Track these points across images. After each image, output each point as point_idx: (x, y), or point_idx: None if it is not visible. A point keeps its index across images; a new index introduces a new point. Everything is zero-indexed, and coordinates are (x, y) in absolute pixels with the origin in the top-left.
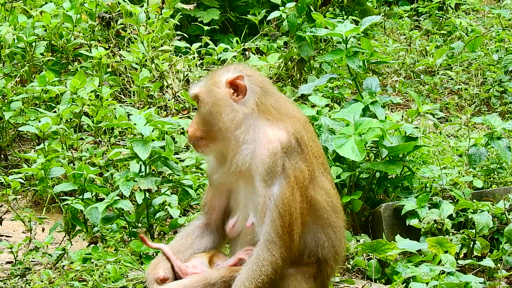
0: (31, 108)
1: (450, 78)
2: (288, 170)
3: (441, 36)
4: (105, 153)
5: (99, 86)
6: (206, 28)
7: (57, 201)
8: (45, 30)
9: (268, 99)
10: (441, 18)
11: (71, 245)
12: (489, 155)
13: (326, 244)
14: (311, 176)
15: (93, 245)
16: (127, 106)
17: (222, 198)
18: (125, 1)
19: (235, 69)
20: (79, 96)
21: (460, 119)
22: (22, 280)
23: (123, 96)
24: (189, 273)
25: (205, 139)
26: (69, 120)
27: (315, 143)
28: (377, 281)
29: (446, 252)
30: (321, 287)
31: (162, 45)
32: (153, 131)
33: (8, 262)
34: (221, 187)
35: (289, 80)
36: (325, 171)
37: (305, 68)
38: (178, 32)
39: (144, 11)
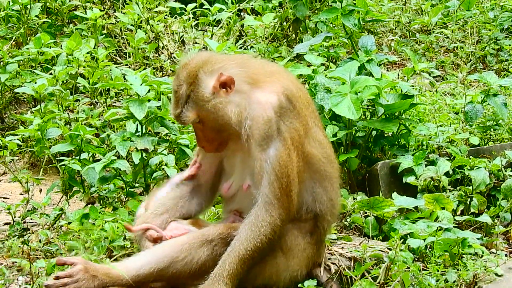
0: (27, 70)
1: (445, 36)
2: (284, 133)
3: None
4: (102, 114)
5: (94, 47)
6: None
7: (54, 162)
8: None
9: (248, 71)
10: None
11: (69, 205)
12: (485, 112)
13: (324, 198)
14: (306, 131)
15: (90, 205)
16: (122, 67)
17: (215, 162)
18: None
19: (208, 71)
20: (74, 57)
21: (456, 77)
22: (20, 240)
23: (118, 58)
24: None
25: (222, 143)
26: (65, 81)
27: (303, 92)
28: (374, 238)
29: (443, 208)
30: (317, 243)
31: (157, 6)
32: (149, 91)
33: (6, 224)
34: (217, 155)
35: (285, 40)
36: (316, 119)
37: (300, 28)
38: None
39: None
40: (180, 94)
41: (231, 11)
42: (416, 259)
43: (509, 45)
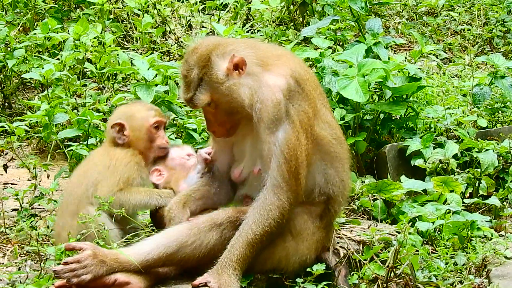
0: (34, 56)
1: (453, 19)
2: (293, 116)
3: None
4: (109, 99)
5: (101, 32)
6: None
7: (61, 147)
8: None
9: (258, 53)
10: None
11: None
12: (493, 94)
13: (336, 179)
14: (314, 113)
15: None
16: (130, 52)
17: (229, 149)
18: None
19: (220, 53)
20: (82, 42)
21: (464, 59)
22: (28, 226)
23: (125, 43)
24: None
25: (233, 126)
26: (72, 66)
27: (310, 74)
28: (383, 221)
29: (451, 191)
30: (326, 226)
31: None
32: (156, 76)
33: (13, 210)
34: (227, 140)
35: (292, 23)
36: (324, 100)
37: (307, 11)
38: None
39: None
40: (191, 78)
41: None
42: (425, 242)
43: None
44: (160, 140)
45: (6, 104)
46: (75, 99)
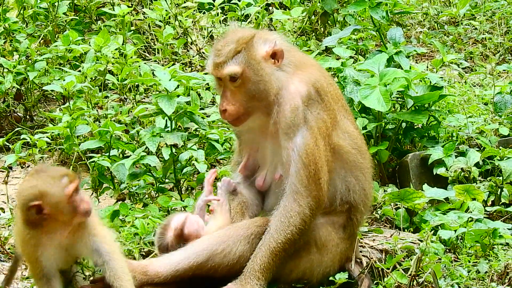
0: (56, 68)
1: (474, 28)
2: (311, 121)
3: None
4: (131, 110)
5: (123, 44)
6: None
7: (83, 159)
8: None
9: (295, 55)
10: None
11: (99, 202)
12: None
13: (357, 187)
14: (333, 123)
15: (120, 201)
16: (151, 63)
17: (253, 155)
18: None
19: (262, 37)
20: (103, 54)
21: (485, 68)
22: None
23: (147, 54)
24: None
25: (248, 113)
26: (93, 78)
27: (334, 87)
28: (405, 230)
29: (473, 199)
30: (350, 237)
31: (185, 2)
32: (178, 87)
33: None
34: (251, 145)
35: (313, 33)
36: (346, 112)
37: (328, 21)
38: None
39: None
40: (226, 50)
41: (259, 6)
42: (447, 250)
43: None
44: (83, 205)
45: (28, 116)
46: (97, 110)
